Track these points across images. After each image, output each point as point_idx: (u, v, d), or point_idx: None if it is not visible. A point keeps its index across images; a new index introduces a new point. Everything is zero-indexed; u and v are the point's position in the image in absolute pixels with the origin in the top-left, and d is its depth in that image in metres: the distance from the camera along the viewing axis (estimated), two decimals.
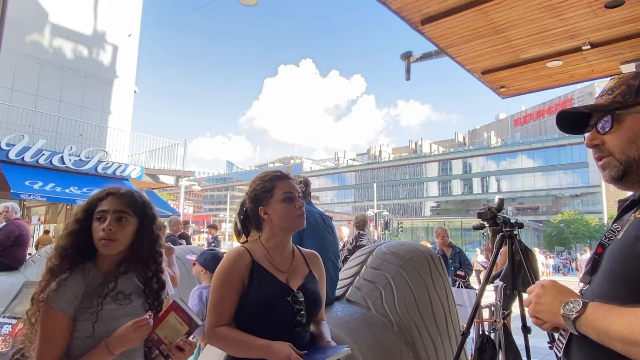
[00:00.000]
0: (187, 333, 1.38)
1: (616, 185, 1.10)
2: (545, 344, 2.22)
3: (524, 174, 62.23)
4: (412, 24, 4.83)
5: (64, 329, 1.36)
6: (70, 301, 1.38)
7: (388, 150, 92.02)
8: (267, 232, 1.78)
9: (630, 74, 1.13)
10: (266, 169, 1.94)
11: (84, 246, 1.48)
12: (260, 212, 1.77)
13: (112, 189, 1.57)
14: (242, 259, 1.67)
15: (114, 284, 1.47)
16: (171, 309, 1.39)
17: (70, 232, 1.50)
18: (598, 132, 1.11)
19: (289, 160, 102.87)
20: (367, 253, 3.32)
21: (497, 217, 2.85)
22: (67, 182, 12.92)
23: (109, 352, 1.36)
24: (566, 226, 47.51)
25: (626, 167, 1.05)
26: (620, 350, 0.88)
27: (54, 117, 13.72)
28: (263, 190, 1.79)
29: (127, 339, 1.36)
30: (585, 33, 4.94)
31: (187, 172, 18.72)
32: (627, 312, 0.87)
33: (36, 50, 14.02)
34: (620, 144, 1.06)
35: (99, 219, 1.49)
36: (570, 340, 1.03)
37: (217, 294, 1.63)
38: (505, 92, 6.83)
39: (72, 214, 1.55)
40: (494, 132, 73.37)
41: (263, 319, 1.63)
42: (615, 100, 1.09)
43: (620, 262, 0.97)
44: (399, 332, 2.90)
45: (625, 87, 1.09)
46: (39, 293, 1.40)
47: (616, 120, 1.07)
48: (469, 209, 62.14)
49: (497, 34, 4.99)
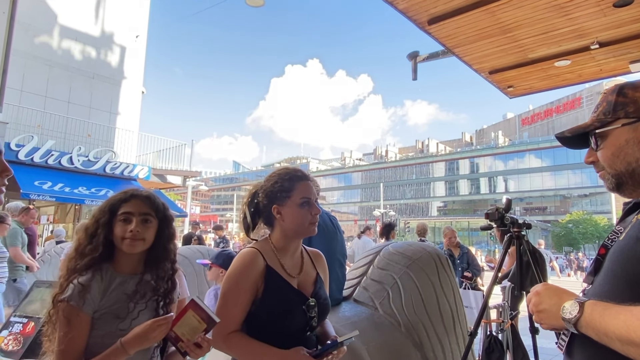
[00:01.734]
0: (204, 330, 1.40)
1: (618, 194, 1.15)
2: (554, 344, 2.22)
3: (531, 174, 61.78)
4: (419, 24, 4.82)
5: (84, 328, 1.39)
6: (91, 300, 1.41)
7: (395, 150, 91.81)
8: (278, 232, 1.70)
9: (610, 89, 1.15)
10: (273, 169, 1.88)
11: (105, 247, 1.51)
12: (274, 210, 1.68)
13: (135, 191, 1.60)
14: (256, 263, 1.60)
15: (132, 283, 1.51)
16: (189, 307, 1.40)
17: (92, 233, 1.52)
18: (593, 149, 1.16)
19: (296, 160, 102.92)
20: (374, 253, 3.32)
21: (504, 217, 2.84)
22: (75, 183, 13.03)
23: (124, 352, 1.38)
24: (574, 226, 47.09)
25: (617, 179, 1.10)
26: (620, 350, 0.88)
27: (62, 118, 13.84)
28: (281, 189, 1.69)
29: (146, 338, 1.39)
30: (593, 32, 4.90)
31: (194, 173, 18.82)
32: (624, 311, 0.88)
33: (45, 51, 14.14)
34: (606, 160, 1.12)
35: (123, 220, 1.52)
36: (572, 339, 1.04)
37: (230, 298, 1.55)
38: (513, 92, 6.80)
39: (92, 215, 1.56)
40: (502, 132, 72.94)
41: (276, 326, 1.58)
42: (597, 119, 1.13)
43: (621, 263, 0.98)
44: (407, 332, 2.90)
45: (606, 104, 1.13)
46: (60, 292, 1.42)
47: (600, 138, 1.12)
48: (476, 209, 61.83)
49: (505, 34, 4.97)
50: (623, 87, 1.12)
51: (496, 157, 65.80)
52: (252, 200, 1.75)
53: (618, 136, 1.09)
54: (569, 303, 0.98)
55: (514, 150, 64.19)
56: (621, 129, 1.08)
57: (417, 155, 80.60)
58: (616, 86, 1.13)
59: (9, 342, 3.62)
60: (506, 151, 65.13)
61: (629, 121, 1.07)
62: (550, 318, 1.04)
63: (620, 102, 1.09)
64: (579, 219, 47.87)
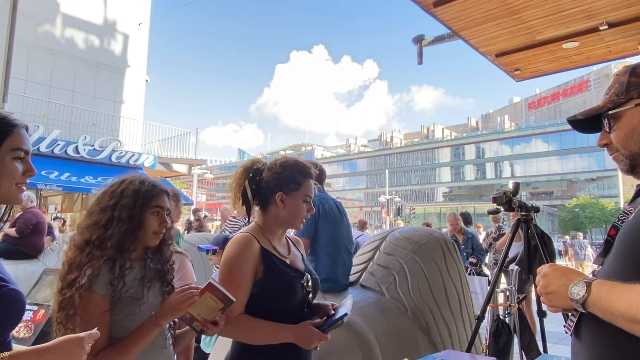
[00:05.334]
0: (221, 309, 1.47)
1: (633, 176, 1.14)
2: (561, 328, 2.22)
3: (538, 159, 61.38)
4: (424, 7, 4.74)
5: (107, 312, 1.44)
6: (108, 284, 1.45)
7: (400, 136, 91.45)
8: (271, 217, 1.73)
9: (622, 70, 1.15)
10: (277, 156, 1.87)
11: (130, 234, 1.54)
12: (278, 196, 1.70)
13: (161, 185, 1.66)
14: (252, 246, 1.63)
15: (138, 268, 1.56)
16: (206, 289, 1.46)
17: (121, 221, 1.54)
18: (606, 131, 1.15)
19: (300, 148, 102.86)
20: (381, 239, 3.32)
21: (512, 201, 2.82)
22: (82, 172, 13.12)
23: (157, 324, 1.47)
24: (581, 210, 46.88)
25: (631, 160, 1.10)
26: (625, 328, 0.89)
27: (67, 107, 13.87)
28: (292, 179, 1.72)
29: (178, 307, 1.46)
30: (602, 12, 4.80)
31: (199, 161, 18.87)
32: (628, 289, 0.89)
33: (48, 41, 14.12)
34: (620, 141, 1.11)
35: (156, 213, 1.59)
36: (580, 320, 1.06)
37: (232, 283, 1.55)
38: (520, 75, 6.70)
39: (122, 205, 1.55)
40: (508, 116, 72.41)
41: (278, 304, 1.63)
42: (610, 100, 1.13)
43: (629, 243, 0.99)
44: (413, 317, 2.91)
45: (618, 85, 1.13)
46: (77, 277, 1.44)
47: (614, 119, 1.12)
48: (482, 195, 61.64)
49: (512, 15, 4.88)
50: (635, 67, 1.11)
51: (502, 142, 65.36)
52: (256, 178, 1.74)
53: (631, 117, 1.08)
54: (577, 283, 0.99)
55: (520, 135, 63.73)
56: (634, 109, 1.08)
57: (423, 141, 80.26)
58: (628, 67, 1.13)
59: (20, 330, 3.68)
60: (512, 136, 64.69)
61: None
62: (559, 299, 1.05)
63: (633, 82, 1.09)
64: (586, 203, 47.63)
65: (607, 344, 0.99)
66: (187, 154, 17.34)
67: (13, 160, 1.14)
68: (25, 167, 1.17)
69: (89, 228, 1.54)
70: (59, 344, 1.08)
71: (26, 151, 1.18)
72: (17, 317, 1.12)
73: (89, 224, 1.54)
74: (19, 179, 1.16)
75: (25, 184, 1.19)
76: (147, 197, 1.57)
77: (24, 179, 1.17)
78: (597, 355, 1.01)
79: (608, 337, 0.97)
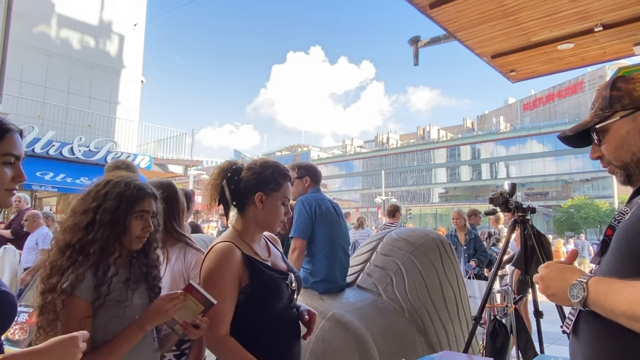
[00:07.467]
0: (202, 312, 1.45)
1: (631, 186, 1.17)
2: (558, 328, 2.23)
3: (533, 159, 61.59)
4: (420, 8, 4.74)
5: (89, 317, 1.40)
6: (91, 288, 1.41)
7: (396, 136, 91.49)
8: (248, 220, 1.70)
9: (603, 85, 1.19)
10: (274, 158, 1.87)
11: (113, 240, 1.48)
12: (257, 196, 1.68)
13: (148, 188, 1.58)
14: (234, 255, 1.58)
15: (123, 271, 1.52)
16: (187, 292, 1.44)
17: (101, 223, 1.47)
18: (596, 144, 1.19)
19: (297, 148, 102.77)
20: (377, 240, 3.32)
21: (509, 202, 2.83)
22: (77, 173, 13.04)
23: (141, 329, 1.42)
24: (576, 211, 47.07)
25: (625, 170, 1.13)
26: (626, 325, 0.90)
27: (62, 108, 13.79)
28: (273, 179, 1.70)
29: (163, 311, 1.43)
30: (597, 14, 4.83)
31: (195, 162, 18.79)
32: (627, 287, 0.90)
33: (43, 41, 14.05)
34: (611, 153, 1.15)
35: (139, 217, 1.52)
36: (579, 316, 1.08)
37: (216, 297, 1.46)
38: (515, 76, 6.73)
39: (105, 209, 1.48)
40: (503, 117, 72.59)
41: (266, 308, 1.61)
42: (596, 115, 1.17)
43: (626, 242, 1.01)
44: (410, 317, 2.91)
45: (602, 100, 1.17)
46: (59, 281, 1.40)
47: (602, 132, 1.16)
48: (478, 195, 61.78)
49: (507, 17, 4.90)
50: (615, 81, 1.15)
51: (498, 142, 65.55)
52: (233, 177, 1.71)
53: (618, 129, 1.12)
54: (574, 285, 1.00)
55: (515, 136, 63.93)
56: (620, 121, 1.12)
57: (419, 141, 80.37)
58: (608, 82, 1.18)
59: (15, 332, 3.65)
60: (508, 137, 64.88)
61: (626, 113, 1.11)
62: (561, 300, 1.07)
63: (615, 95, 1.13)
64: (581, 203, 47.83)
65: (606, 340, 1.00)
66: (183, 155, 17.29)
67: (2, 165, 1.13)
68: (14, 172, 1.16)
69: (70, 229, 1.48)
70: (54, 344, 1.07)
71: (17, 156, 1.16)
72: (8, 320, 1.11)
73: (70, 225, 1.49)
74: (8, 184, 1.15)
75: (14, 189, 1.18)
76: (131, 201, 1.50)
77: (12, 185, 1.16)
78: (597, 351, 1.02)
79: (607, 333, 0.98)
